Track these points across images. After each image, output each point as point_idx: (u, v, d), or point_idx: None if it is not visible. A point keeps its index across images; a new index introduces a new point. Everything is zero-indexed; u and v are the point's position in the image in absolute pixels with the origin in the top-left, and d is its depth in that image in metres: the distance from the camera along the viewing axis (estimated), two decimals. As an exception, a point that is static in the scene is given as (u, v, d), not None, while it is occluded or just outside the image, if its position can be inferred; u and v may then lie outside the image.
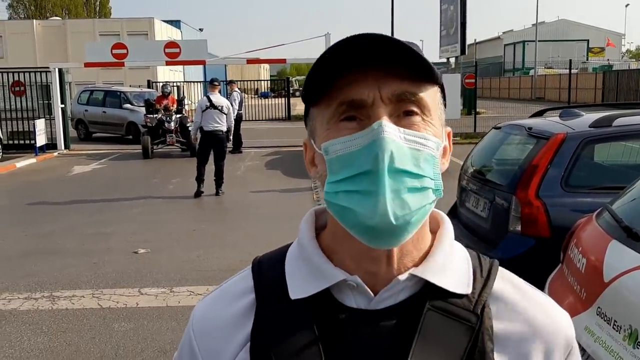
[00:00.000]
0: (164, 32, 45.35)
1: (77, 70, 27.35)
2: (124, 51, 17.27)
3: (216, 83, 10.98)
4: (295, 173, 13.01)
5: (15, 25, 45.44)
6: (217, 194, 10.70)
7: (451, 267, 0.84)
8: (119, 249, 7.30)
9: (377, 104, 0.75)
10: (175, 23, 52.99)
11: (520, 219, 4.21)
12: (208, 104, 10.56)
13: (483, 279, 0.85)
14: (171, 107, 16.36)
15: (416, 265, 0.82)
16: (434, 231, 0.87)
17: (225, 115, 10.62)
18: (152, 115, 16.36)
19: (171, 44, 17.80)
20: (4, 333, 4.85)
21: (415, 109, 0.77)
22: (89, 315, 5.19)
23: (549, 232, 4.11)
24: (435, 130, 0.79)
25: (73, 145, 18.48)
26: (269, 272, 0.87)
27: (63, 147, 17.72)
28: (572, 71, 28.33)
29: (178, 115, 16.41)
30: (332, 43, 0.76)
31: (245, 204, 10.19)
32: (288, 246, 0.91)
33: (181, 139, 16.37)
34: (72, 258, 6.95)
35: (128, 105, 20.37)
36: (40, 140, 16.62)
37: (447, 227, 0.87)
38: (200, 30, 64.57)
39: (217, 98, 10.74)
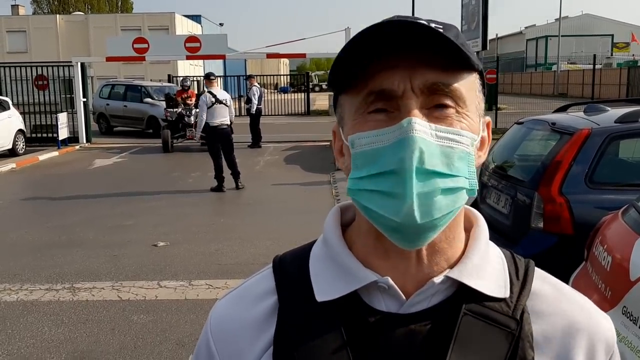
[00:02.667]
0: (184, 27, 45.60)
1: (99, 64, 27.61)
2: (145, 45, 17.36)
3: (212, 77, 11.01)
4: (314, 168, 12.99)
5: (39, 20, 46.00)
6: (237, 187, 10.72)
7: (487, 268, 0.79)
8: (139, 241, 7.35)
9: (408, 95, 0.70)
10: (196, 18, 53.26)
11: (542, 216, 4.14)
12: (213, 99, 10.58)
13: (520, 282, 0.80)
14: (191, 102, 16.37)
15: (451, 266, 0.77)
16: (467, 230, 0.82)
17: (227, 109, 10.68)
18: (172, 110, 16.47)
19: (191, 39, 17.85)
20: (25, 323, 4.90)
21: (448, 101, 0.71)
22: (108, 307, 5.23)
23: (572, 230, 4.04)
24: (471, 123, 0.74)
25: (94, 138, 18.64)
26: (292, 271, 0.82)
27: (85, 141, 17.88)
28: (596, 67, 27.93)
29: (198, 110, 16.32)
30: (351, 37, 0.71)
31: (264, 199, 10.19)
32: (311, 244, 0.86)
33: (202, 133, 16.29)
34: (92, 250, 7.01)
35: (149, 100, 20.50)
36: (63, 133, 16.79)
37: (482, 226, 0.82)
38: (221, 25, 64.81)
39: (220, 92, 10.81)
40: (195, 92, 18.21)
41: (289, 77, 50.37)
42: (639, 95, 33.90)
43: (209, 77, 11.02)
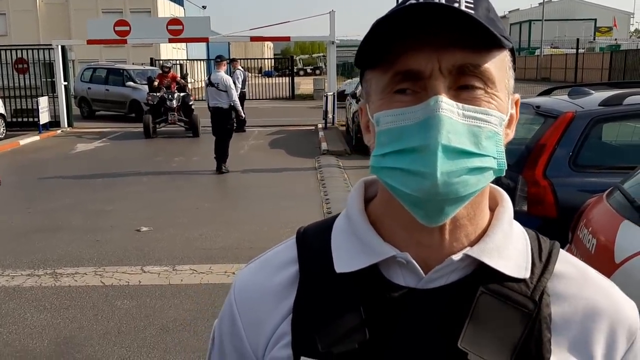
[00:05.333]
0: (167, 10, 45.06)
1: (80, 48, 27.19)
2: (127, 28, 17.12)
3: (219, 60, 10.96)
4: (299, 152, 12.95)
5: (19, 3, 45.09)
6: (218, 170, 10.67)
7: (509, 248, 0.78)
8: (122, 226, 7.28)
9: (435, 75, 0.69)
10: (178, 0, 52.58)
11: (526, 199, 4.15)
12: (207, 81, 10.76)
13: (542, 263, 0.79)
14: (172, 85, 15.84)
15: (471, 244, 0.77)
16: (492, 209, 0.81)
17: (223, 93, 10.58)
18: (154, 94, 15.87)
19: (174, 21, 17.63)
20: (7, 309, 4.84)
21: (477, 82, 0.70)
22: (91, 293, 5.18)
23: (556, 212, 4.06)
24: (500, 103, 0.72)
25: (76, 123, 18.40)
26: (314, 243, 0.83)
27: (66, 125, 17.66)
28: (579, 51, 28.07)
29: (181, 94, 15.89)
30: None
31: (248, 183, 10.15)
32: (335, 217, 0.87)
33: (183, 118, 15.95)
34: (75, 235, 6.94)
35: (131, 83, 20.26)
36: (44, 118, 16.55)
37: (507, 206, 0.81)
38: (204, 7, 64.09)
39: (215, 75, 10.73)
40: (178, 75, 17.69)
41: (273, 60, 50.05)
42: (621, 79, 34.17)
43: (216, 59, 11.06)
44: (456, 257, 0.75)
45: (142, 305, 4.90)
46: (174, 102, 15.55)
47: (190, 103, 15.96)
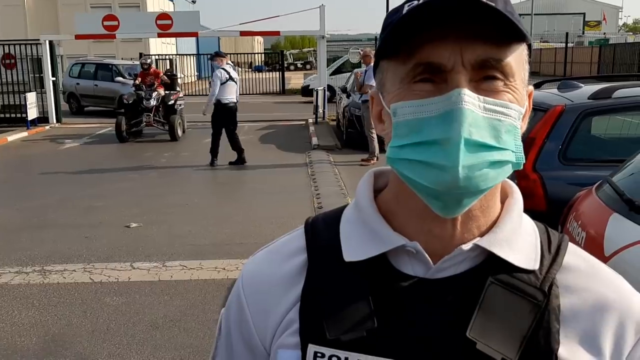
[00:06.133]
0: (156, 4, 44.77)
1: (69, 43, 27.02)
2: (115, 23, 16.97)
3: (224, 55, 11.01)
4: (289, 147, 12.92)
5: (5, -3, 44.67)
6: (243, 162, 10.79)
7: (518, 240, 0.78)
8: (111, 223, 7.23)
9: (457, 69, 0.69)
10: (168, -5, 52.23)
11: (516, 193, 4.15)
12: (228, 76, 10.48)
13: (551, 255, 0.79)
14: (155, 82, 14.16)
15: (482, 235, 0.77)
16: (502, 201, 0.82)
17: (237, 86, 10.75)
18: (130, 92, 14.36)
19: (163, 16, 17.50)
20: (-6, 307, 4.80)
21: (498, 74, 0.70)
22: (80, 290, 5.14)
23: (545, 206, 4.06)
24: (518, 96, 0.73)
25: (65, 118, 18.25)
26: (323, 232, 0.84)
27: (55, 121, 17.50)
28: (568, 45, 28.18)
29: (164, 92, 14.33)
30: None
31: (239, 178, 10.12)
32: (344, 208, 0.87)
33: (161, 120, 14.26)
34: (63, 232, 6.89)
35: (120, 79, 20.05)
36: (32, 113, 16.40)
37: (517, 198, 0.82)
38: (193, 2, 63.76)
39: (233, 71, 10.74)
40: (161, 71, 16.64)
41: (263, 55, 49.90)
42: (610, 73, 34.33)
43: (220, 55, 10.92)
44: (466, 246, 0.75)
45: (131, 301, 4.87)
46: (152, 101, 13.91)
47: (171, 102, 14.38)
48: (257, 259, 0.88)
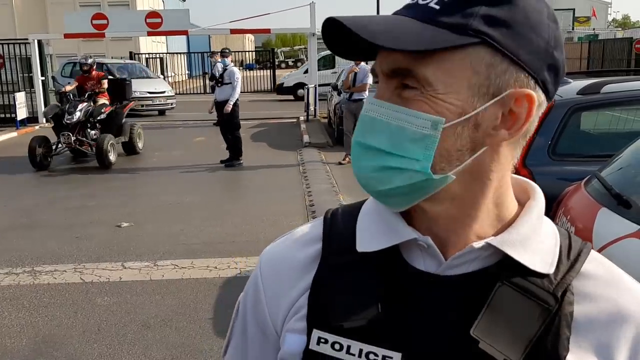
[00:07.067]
0: (145, 2, 44.57)
1: (59, 42, 26.78)
2: (105, 22, 16.90)
3: (227, 51, 11.04)
4: (281, 145, 12.91)
5: (-7, -4, 44.35)
6: (234, 164, 10.79)
7: (535, 242, 0.76)
8: (102, 222, 7.20)
9: (381, 77, 0.74)
10: (158, -7, 52.00)
11: (506, 188, 4.16)
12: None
13: (570, 261, 0.76)
14: (96, 89, 11.14)
15: (495, 234, 0.77)
16: (522, 203, 0.81)
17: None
18: (55, 104, 11.76)
19: (152, 14, 17.44)
20: (-16, 309, 4.77)
21: (412, 84, 0.70)
22: (71, 290, 5.12)
23: (536, 201, 4.07)
24: (440, 105, 0.69)
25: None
26: (340, 223, 0.85)
27: (44, 121, 17.39)
28: (558, 41, 28.24)
29: (100, 102, 11.08)
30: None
31: (230, 177, 10.10)
32: (365, 200, 0.89)
33: (88, 140, 10.82)
34: (53, 232, 6.85)
35: (110, 77, 19.96)
36: (21, 113, 16.29)
37: (537, 200, 0.80)
38: (183, 0, 63.56)
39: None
40: (108, 75, 14.21)
41: (254, 53, 49.76)
42: (599, 69, 34.47)
43: (227, 52, 10.99)
44: (477, 244, 0.75)
45: (122, 301, 4.85)
46: (75, 115, 10.49)
47: (101, 116, 10.82)
48: (276, 246, 0.90)
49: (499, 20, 0.69)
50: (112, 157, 10.63)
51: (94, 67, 11.70)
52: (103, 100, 11.15)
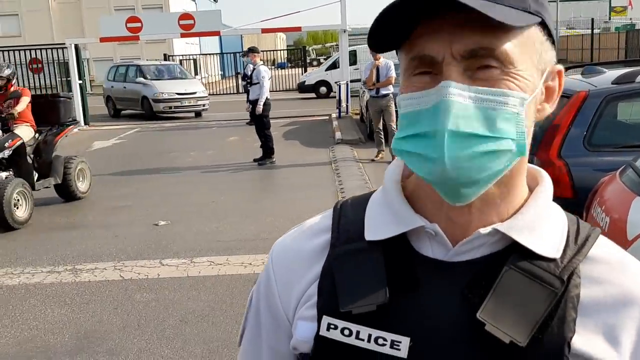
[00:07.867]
0: (178, 4, 45.11)
1: (95, 46, 27.41)
2: (139, 25, 17.19)
3: (257, 50, 11.19)
4: (313, 143, 12.95)
5: (31, 3, 45.44)
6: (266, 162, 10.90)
7: (542, 227, 0.77)
8: (140, 221, 7.35)
9: (448, 61, 0.69)
10: (190, -5, 52.58)
11: (541, 180, 4.11)
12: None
13: (577, 246, 0.78)
14: (13, 110, 7.67)
15: (503, 220, 0.77)
16: (532, 189, 0.82)
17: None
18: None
19: (185, 16, 17.67)
20: (28, 306, 4.92)
21: (492, 62, 0.70)
22: (111, 287, 5.24)
23: (572, 193, 4.02)
24: (522, 82, 0.71)
25: (94, 122, 18.53)
26: (349, 213, 0.87)
27: (83, 123, 17.80)
28: (595, 31, 27.65)
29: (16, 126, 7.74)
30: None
31: (263, 175, 10.18)
32: (374, 191, 0.91)
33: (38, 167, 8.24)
34: (93, 231, 7.02)
35: (141, 79, 20.05)
36: (60, 116, 16.65)
37: (545, 186, 0.81)
38: (215, 1, 64.14)
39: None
40: (29, 90, 8.67)
41: (286, 52, 49.94)
42: (636, 58, 33.59)
43: (254, 51, 11.09)
44: (484, 230, 0.76)
45: (161, 297, 4.95)
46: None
47: (3, 152, 7.45)
48: (287, 237, 0.93)
49: (542, 2, 0.74)
50: (20, 213, 7.19)
51: (13, 80, 8.13)
52: (22, 127, 7.86)
